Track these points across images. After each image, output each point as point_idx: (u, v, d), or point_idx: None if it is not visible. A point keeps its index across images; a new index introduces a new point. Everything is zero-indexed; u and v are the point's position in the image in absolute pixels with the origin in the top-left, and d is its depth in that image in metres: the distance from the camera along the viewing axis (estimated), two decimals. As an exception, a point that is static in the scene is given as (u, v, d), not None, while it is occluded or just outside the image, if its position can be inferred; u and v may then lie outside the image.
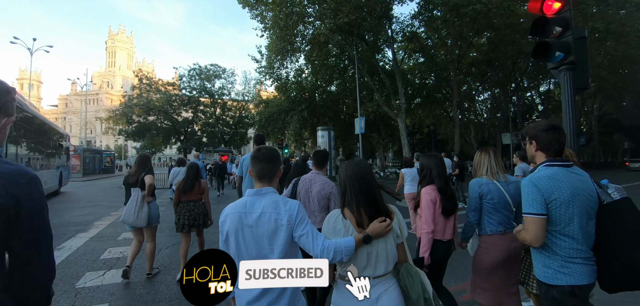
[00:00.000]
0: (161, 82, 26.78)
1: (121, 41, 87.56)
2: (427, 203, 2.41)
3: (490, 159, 2.40)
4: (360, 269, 1.46)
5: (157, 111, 25.12)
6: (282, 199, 1.51)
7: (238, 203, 1.52)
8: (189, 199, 4.20)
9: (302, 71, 21.83)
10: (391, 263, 1.51)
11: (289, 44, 16.83)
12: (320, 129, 16.95)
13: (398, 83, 18.21)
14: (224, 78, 28.67)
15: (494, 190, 2.28)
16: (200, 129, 27.75)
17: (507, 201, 2.27)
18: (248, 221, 1.45)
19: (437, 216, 2.41)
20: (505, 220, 2.29)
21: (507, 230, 2.28)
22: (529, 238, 1.61)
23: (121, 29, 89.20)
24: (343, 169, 1.64)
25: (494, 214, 2.29)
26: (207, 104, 28.28)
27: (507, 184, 2.33)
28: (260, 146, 1.77)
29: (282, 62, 19.51)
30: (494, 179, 2.32)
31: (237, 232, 1.46)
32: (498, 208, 2.27)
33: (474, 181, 2.38)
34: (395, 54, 18.90)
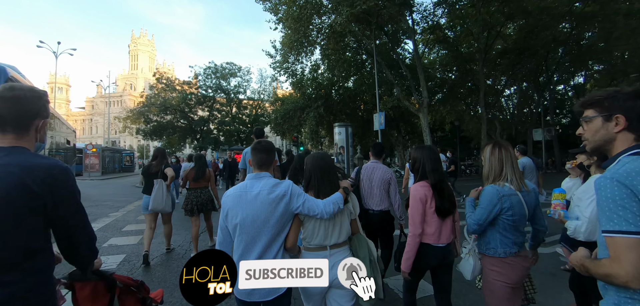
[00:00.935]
0: (178, 82, 26.88)
1: (143, 44, 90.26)
2: (415, 201, 2.13)
3: (512, 159, 1.91)
4: (321, 239, 1.84)
5: (173, 110, 25.18)
6: (276, 181, 1.80)
7: (239, 186, 1.83)
8: (197, 186, 4.79)
9: (318, 67, 21.07)
10: (344, 234, 1.89)
11: (304, 38, 16.13)
12: (337, 126, 16.14)
13: (420, 76, 17.14)
14: (239, 76, 28.49)
15: (516, 204, 1.83)
16: (216, 128, 27.68)
17: (525, 215, 1.88)
18: (247, 198, 1.73)
19: (429, 216, 2.13)
20: (521, 238, 1.93)
21: (520, 249, 1.92)
22: (625, 274, 0.94)
23: (143, 33, 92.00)
24: (309, 160, 2.02)
25: (511, 234, 1.87)
26: (222, 102, 28.16)
27: (528, 193, 1.90)
28: (260, 139, 2.07)
29: (297, 57, 18.87)
30: (516, 187, 1.87)
31: (236, 206, 1.74)
32: (518, 225, 1.87)
33: (492, 188, 1.87)
34: (416, 45, 17.82)
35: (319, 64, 20.82)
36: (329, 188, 1.90)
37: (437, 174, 2.18)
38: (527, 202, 1.86)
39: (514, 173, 1.88)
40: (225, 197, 1.80)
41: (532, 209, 1.91)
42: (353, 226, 1.97)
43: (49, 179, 1.11)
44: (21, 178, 1.06)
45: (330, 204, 1.78)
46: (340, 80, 22.37)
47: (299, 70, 20.41)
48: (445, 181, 2.23)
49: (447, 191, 2.18)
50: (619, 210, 0.95)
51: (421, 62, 17.75)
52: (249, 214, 1.71)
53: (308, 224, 1.87)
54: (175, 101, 25.06)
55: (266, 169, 1.86)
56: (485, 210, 1.85)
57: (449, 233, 2.19)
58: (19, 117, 1.15)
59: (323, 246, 1.85)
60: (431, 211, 2.12)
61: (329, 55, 19.97)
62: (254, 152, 1.86)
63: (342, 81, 22.76)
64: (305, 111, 21.32)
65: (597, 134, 1.11)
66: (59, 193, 1.14)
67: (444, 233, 2.15)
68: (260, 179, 1.80)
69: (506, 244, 1.87)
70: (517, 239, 1.89)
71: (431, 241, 2.12)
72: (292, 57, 18.84)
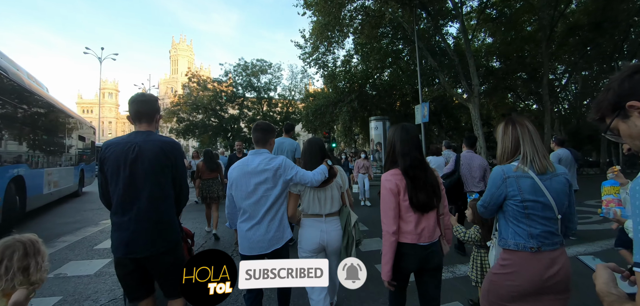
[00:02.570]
0: (209, 80, 26.80)
1: (182, 50, 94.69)
2: (386, 193, 1.78)
3: (531, 135, 1.55)
4: (317, 209, 2.26)
5: (204, 109, 25.07)
6: (272, 156, 2.21)
7: (242, 160, 2.23)
8: (208, 177, 5.59)
9: (351, 57, 19.45)
10: (335, 205, 2.31)
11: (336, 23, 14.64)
12: (374, 120, 14.57)
13: (469, 61, 14.88)
14: (270, 73, 27.75)
15: (526, 188, 1.48)
16: (246, 126, 27.25)
17: (547, 204, 1.48)
18: (248, 169, 2.14)
19: (404, 211, 1.76)
20: (543, 232, 1.48)
21: (543, 248, 1.47)
22: None
23: (182, 38, 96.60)
24: (305, 145, 2.52)
25: (524, 223, 1.51)
26: (253, 100, 27.66)
27: (550, 177, 1.50)
28: (260, 121, 2.45)
29: (328, 47, 17.47)
30: (529, 170, 1.49)
31: (238, 179, 2.15)
32: (532, 214, 1.49)
33: (497, 168, 1.59)
34: (465, 25, 15.55)
35: (352, 55, 19.18)
36: (315, 162, 2.33)
37: (409, 158, 1.79)
38: (549, 187, 1.48)
39: (535, 152, 1.52)
40: (231, 170, 2.22)
41: (561, 197, 1.50)
42: (343, 198, 2.39)
43: (173, 149, 1.92)
44: (161, 147, 1.86)
45: (318, 174, 2.17)
46: (376, 71, 20.59)
47: (331, 61, 18.93)
48: (424, 167, 1.81)
49: (426, 180, 1.78)
50: None
51: (470, 45, 15.45)
52: (249, 185, 2.12)
53: (305, 197, 2.28)
54: (207, 100, 24.90)
55: (263, 146, 2.27)
56: (488, 192, 1.62)
57: (432, 230, 1.80)
58: (150, 113, 1.94)
59: (319, 214, 2.26)
60: (406, 205, 1.76)
61: (362, 44, 18.33)
62: (253, 131, 2.31)
63: (377, 73, 20.98)
64: (338, 106, 19.87)
65: (633, 135, 0.83)
66: (178, 158, 1.93)
67: (425, 230, 1.77)
68: (260, 154, 2.20)
69: (519, 235, 1.51)
70: (535, 231, 1.48)
71: (410, 240, 1.76)
72: (322, 47, 17.47)
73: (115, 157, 1.80)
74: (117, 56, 33.52)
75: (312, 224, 2.27)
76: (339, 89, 20.33)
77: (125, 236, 1.76)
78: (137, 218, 1.77)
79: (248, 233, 2.10)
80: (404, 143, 1.81)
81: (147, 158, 1.79)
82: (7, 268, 1.33)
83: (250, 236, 2.09)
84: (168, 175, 1.86)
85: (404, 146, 1.81)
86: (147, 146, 1.81)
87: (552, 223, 1.50)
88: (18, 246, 1.39)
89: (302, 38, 17.23)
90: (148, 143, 1.82)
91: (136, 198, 1.78)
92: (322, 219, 2.25)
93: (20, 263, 1.37)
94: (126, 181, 1.77)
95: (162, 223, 1.82)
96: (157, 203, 1.80)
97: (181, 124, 24.96)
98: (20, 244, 1.40)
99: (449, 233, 1.94)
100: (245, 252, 2.09)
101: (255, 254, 2.07)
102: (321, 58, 18.17)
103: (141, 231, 1.76)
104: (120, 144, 1.83)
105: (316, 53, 17.62)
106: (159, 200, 1.81)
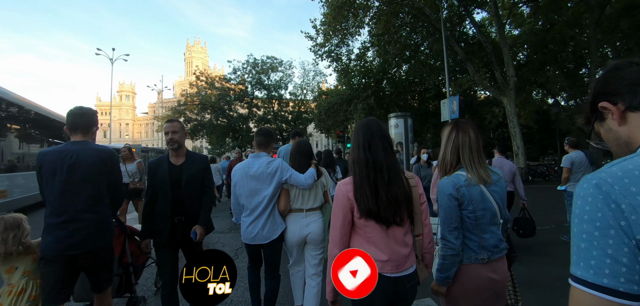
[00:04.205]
0: (218, 79, 25.82)
1: (196, 52, 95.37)
2: (335, 206, 1.43)
3: (471, 142, 1.50)
4: (300, 203, 2.54)
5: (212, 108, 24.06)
6: (271, 159, 2.51)
7: (243, 163, 2.55)
8: None
9: (367, 50, 17.80)
10: (317, 201, 2.61)
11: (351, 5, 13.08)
12: (394, 117, 12.91)
13: (503, 49, 13.04)
14: (281, 71, 26.52)
15: (476, 197, 1.44)
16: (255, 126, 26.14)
17: (493, 211, 1.47)
18: (250, 172, 2.46)
19: (360, 227, 1.39)
20: (493, 241, 1.47)
21: (492, 257, 1.45)
22: None
23: (196, 41, 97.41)
24: (294, 147, 2.79)
25: (476, 233, 1.45)
26: (263, 99, 26.52)
27: (494, 183, 1.50)
28: (263, 126, 3.11)
29: (342, 38, 15.95)
30: (477, 179, 1.45)
31: (241, 180, 2.48)
32: (483, 224, 1.45)
33: (446, 180, 1.49)
34: (498, 9, 13.70)
35: (368, 47, 17.53)
36: (304, 164, 2.63)
37: (364, 157, 1.46)
38: (493, 193, 1.47)
39: (472, 163, 1.47)
40: (234, 171, 2.53)
41: (504, 202, 1.51)
42: (325, 196, 2.72)
43: (110, 157, 2.11)
44: (99, 155, 2.04)
45: (309, 178, 2.49)
46: (394, 65, 18.89)
47: (345, 53, 17.33)
48: (391, 170, 1.40)
49: (388, 186, 1.37)
50: (585, 239, 0.60)
51: (504, 30, 13.58)
52: (251, 185, 2.44)
53: (291, 193, 2.56)
54: (214, 98, 23.88)
55: (264, 149, 2.57)
56: (446, 209, 1.44)
57: (403, 256, 1.37)
58: (85, 125, 2.10)
59: (301, 209, 2.55)
60: (362, 221, 1.38)
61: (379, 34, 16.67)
62: (256, 135, 2.63)
63: (395, 67, 19.27)
64: (353, 104, 18.32)
65: (609, 141, 0.76)
66: (114, 165, 2.15)
67: (393, 250, 1.35)
68: (259, 158, 2.51)
69: (470, 249, 1.45)
70: (485, 243, 1.45)
71: None
72: (335, 39, 15.97)
73: (51, 163, 1.96)
74: (128, 56, 33.14)
75: (295, 220, 2.56)
76: (353, 86, 18.78)
77: (62, 235, 1.90)
78: (74, 218, 1.93)
79: (249, 227, 2.47)
80: (365, 139, 1.43)
81: (85, 164, 1.99)
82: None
83: (250, 230, 2.46)
84: (105, 180, 2.09)
85: (364, 143, 1.43)
86: (84, 153, 2.02)
87: (497, 229, 1.48)
88: (0, 222, 1.96)
89: (313, 29, 15.76)
90: (85, 151, 2.03)
91: (73, 200, 1.95)
92: (303, 214, 2.56)
93: (2, 235, 1.93)
94: (62, 185, 1.93)
95: (100, 222, 2.03)
96: (94, 205, 2.01)
97: (189, 124, 24.03)
98: (2, 220, 1.96)
99: (429, 257, 1.53)
100: (248, 241, 2.50)
101: (256, 244, 2.48)
102: (334, 50, 16.61)
103: (80, 229, 1.92)
104: (56, 152, 2.00)
105: (328, 44, 16.08)
106: (96, 202, 2.02)
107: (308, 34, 16.07)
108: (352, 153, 1.47)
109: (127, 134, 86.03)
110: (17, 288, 1.93)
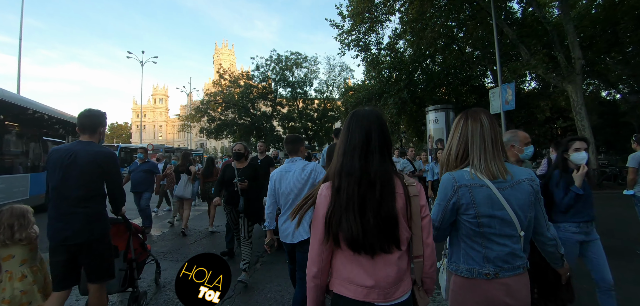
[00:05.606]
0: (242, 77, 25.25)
1: (224, 54, 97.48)
2: (317, 216, 1.17)
3: (483, 130, 1.28)
4: None
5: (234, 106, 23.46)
6: (306, 163, 2.63)
7: (281, 168, 2.69)
8: (209, 181, 6.38)
9: (399, 38, 16.07)
10: None
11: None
12: (433, 110, 11.29)
13: (567, 27, 10.90)
14: (305, 67, 25.45)
15: (481, 200, 1.22)
16: (279, 124, 25.27)
17: (507, 219, 1.22)
18: (287, 177, 2.58)
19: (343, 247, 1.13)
20: (502, 254, 1.22)
21: (501, 274, 1.22)
22: None
23: (224, 43, 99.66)
24: (329, 147, 3.06)
25: (479, 243, 1.25)
26: (287, 97, 25.59)
27: (511, 186, 1.23)
28: (288, 135, 2.87)
29: (371, 25, 14.45)
30: (484, 176, 1.24)
31: (279, 182, 2.59)
32: (489, 232, 1.22)
33: (447, 176, 1.31)
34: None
35: (399, 34, 15.81)
36: None
37: (346, 159, 1.17)
38: (509, 197, 1.21)
39: (484, 157, 1.25)
40: (273, 174, 2.64)
41: (525, 210, 1.23)
42: None
43: (106, 159, 2.28)
44: (94, 156, 2.22)
45: None
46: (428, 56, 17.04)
47: (374, 42, 15.75)
48: (386, 184, 1.09)
49: (381, 205, 1.07)
50: None
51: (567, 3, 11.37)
52: (288, 186, 2.54)
53: None
54: (237, 96, 23.27)
55: (296, 154, 2.70)
56: (439, 207, 1.31)
57: (391, 281, 1.10)
58: (91, 126, 2.33)
59: None
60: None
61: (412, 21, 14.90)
62: (285, 145, 2.79)
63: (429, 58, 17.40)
64: (383, 98, 16.75)
65: None
66: (110, 166, 2.31)
67: (379, 276, 1.09)
68: (294, 162, 2.63)
69: (472, 260, 1.25)
70: (492, 253, 1.22)
71: (350, 294, 1.10)
72: (363, 27, 14.50)
73: (54, 160, 2.21)
74: (157, 59, 33.87)
75: None
76: (383, 78, 17.18)
77: (59, 226, 2.13)
78: (68, 211, 2.13)
79: (283, 226, 2.60)
80: (361, 139, 1.13)
81: (80, 164, 2.19)
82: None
83: (285, 228, 2.57)
84: (100, 179, 2.28)
85: (359, 146, 1.12)
86: (82, 154, 2.22)
87: (513, 242, 1.24)
88: (7, 211, 2.17)
89: (338, 15, 14.42)
90: (84, 152, 2.23)
91: (67, 195, 2.15)
92: None
93: (8, 221, 2.14)
94: (59, 181, 2.16)
95: (90, 217, 2.18)
96: (86, 201, 2.17)
97: (213, 124, 23.64)
98: (8, 210, 2.18)
99: (431, 282, 1.22)
100: (283, 240, 2.60)
101: (289, 242, 2.55)
102: (362, 38, 15.14)
103: (73, 222, 2.12)
104: (61, 150, 2.25)
105: (355, 32, 14.64)
106: (88, 198, 2.18)
107: (333, 22, 14.78)
108: (338, 157, 1.16)
109: (160, 135, 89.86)
110: (17, 275, 2.13)
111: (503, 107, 9.79)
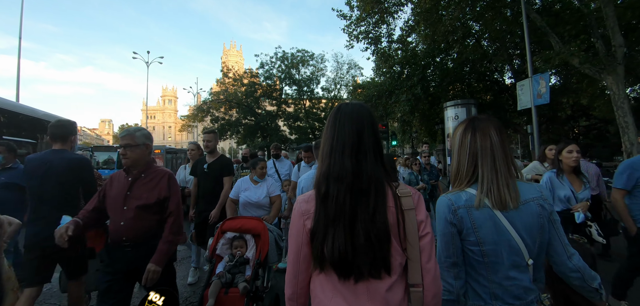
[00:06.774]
0: (246, 76, 24.45)
1: (232, 55, 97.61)
2: (291, 233, 1.02)
3: (493, 147, 1.11)
4: None
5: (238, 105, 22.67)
6: None
7: (308, 173, 3.03)
8: None
9: (412, 29, 14.88)
10: None
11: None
12: (453, 106, 10.12)
13: (606, 11, 9.57)
14: (312, 64, 24.46)
15: (482, 223, 1.07)
16: (284, 124, 24.33)
17: (515, 247, 1.06)
18: (311, 180, 2.78)
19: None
20: (512, 287, 1.06)
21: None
22: None
23: (232, 44, 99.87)
24: None
25: (484, 275, 1.09)
26: (293, 95, 24.66)
27: (517, 210, 1.07)
28: (306, 144, 3.33)
29: (381, 16, 13.32)
30: (485, 199, 1.08)
31: (306, 187, 2.81)
32: (494, 263, 1.06)
33: (442, 199, 1.16)
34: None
35: (412, 26, 14.63)
36: None
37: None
38: (514, 220, 1.05)
39: (496, 182, 1.07)
40: (301, 179, 2.96)
41: (533, 234, 1.06)
42: None
43: (79, 165, 2.51)
44: (68, 164, 2.42)
45: None
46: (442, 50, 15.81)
47: (384, 34, 14.61)
48: (379, 191, 0.94)
49: (374, 218, 0.92)
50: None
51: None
52: None
53: None
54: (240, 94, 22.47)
55: (315, 160, 3.05)
56: (444, 238, 1.12)
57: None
58: (62, 135, 2.53)
59: None
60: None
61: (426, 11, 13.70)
62: (304, 153, 3.68)
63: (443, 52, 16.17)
64: (394, 95, 15.61)
65: None
66: (84, 172, 2.55)
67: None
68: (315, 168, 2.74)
69: (478, 296, 1.09)
70: (499, 290, 1.05)
71: None
72: (373, 17, 13.38)
73: (30, 169, 2.41)
74: (163, 59, 33.56)
75: None
76: (394, 75, 16.01)
77: (36, 230, 2.32)
78: (45, 216, 2.30)
79: None
80: (352, 137, 0.97)
81: (55, 172, 2.39)
82: None
83: None
84: (75, 185, 2.50)
85: (350, 144, 0.96)
86: (56, 162, 2.42)
87: (521, 273, 1.06)
88: None
89: (346, 5, 13.33)
90: (57, 160, 2.43)
91: (44, 201, 2.35)
92: None
93: None
94: (36, 189, 2.37)
95: None
96: (61, 206, 2.31)
97: (216, 124, 22.88)
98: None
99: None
100: None
101: None
102: (372, 30, 14.01)
103: (49, 225, 2.11)
104: (36, 159, 2.44)
105: (365, 23, 13.53)
106: (63, 203, 2.36)
107: (341, 12, 13.68)
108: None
109: (169, 136, 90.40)
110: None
111: (535, 102, 8.56)
